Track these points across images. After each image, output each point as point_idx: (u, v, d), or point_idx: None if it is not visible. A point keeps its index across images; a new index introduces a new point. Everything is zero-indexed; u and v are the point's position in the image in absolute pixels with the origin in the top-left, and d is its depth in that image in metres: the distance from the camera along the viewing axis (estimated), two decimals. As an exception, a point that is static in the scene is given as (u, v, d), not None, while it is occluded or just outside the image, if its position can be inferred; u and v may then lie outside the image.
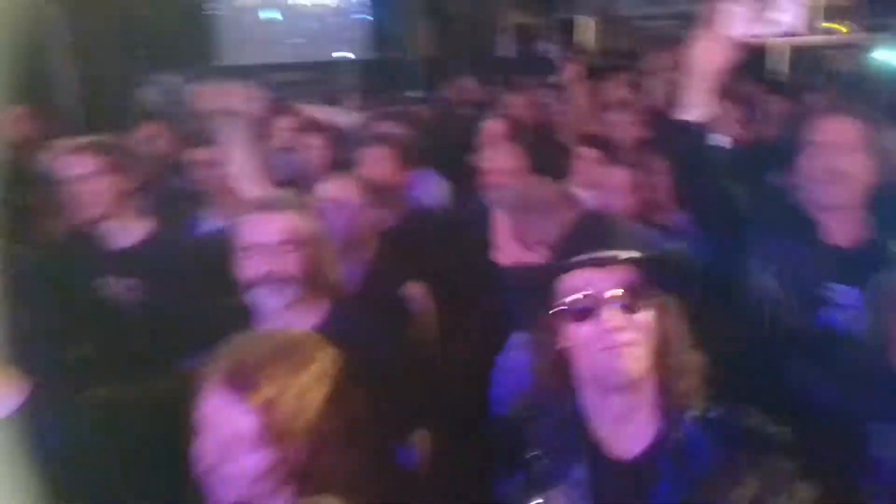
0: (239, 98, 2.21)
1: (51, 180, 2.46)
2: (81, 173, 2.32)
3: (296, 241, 1.76)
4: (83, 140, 2.40)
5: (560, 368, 1.22)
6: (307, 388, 1.17)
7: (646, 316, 1.15)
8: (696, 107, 1.65)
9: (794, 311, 1.86)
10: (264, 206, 1.81)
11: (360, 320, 1.85)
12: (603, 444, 1.21)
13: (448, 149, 4.00)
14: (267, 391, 1.13)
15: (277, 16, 9.03)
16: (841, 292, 1.87)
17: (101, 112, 5.87)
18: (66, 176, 2.35)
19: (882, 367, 1.42)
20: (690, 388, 1.18)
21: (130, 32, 6.81)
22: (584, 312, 1.14)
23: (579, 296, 1.15)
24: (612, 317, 1.12)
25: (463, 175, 3.34)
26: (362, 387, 1.26)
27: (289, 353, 1.19)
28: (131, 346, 2.22)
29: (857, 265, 1.85)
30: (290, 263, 1.75)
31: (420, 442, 1.93)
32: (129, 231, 2.45)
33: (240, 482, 1.17)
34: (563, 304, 1.17)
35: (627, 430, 1.20)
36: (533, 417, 1.28)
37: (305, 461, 1.17)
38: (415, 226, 2.73)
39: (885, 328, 1.41)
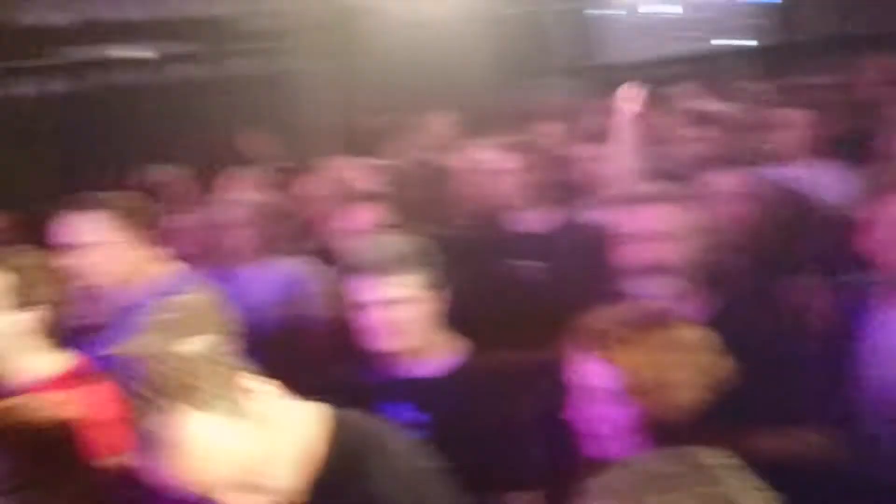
0: (629, 100, 2.38)
1: (470, 175, 2.91)
2: (505, 168, 2.73)
3: (674, 233, 1.81)
4: (506, 140, 2.83)
5: None
6: (662, 354, 1.30)
7: None
8: None
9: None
10: (644, 197, 1.89)
11: (753, 318, 1.82)
12: None
13: (855, 138, 3.64)
14: (625, 353, 1.30)
15: (678, 9, 8.79)
16: None
17: (500, 113, 6.61)
18: (490, 171, 2.78)
19: None
20: None
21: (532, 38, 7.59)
22: None
23: None
24: None
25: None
26: (735, 368, 1.33)
27: (646, 322, 1.35)
28: (534, 319, 2.54)
29: None
30: (668, 254, 1.80)
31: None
32: (538, 219, 2.78)
33: (606, 432, 1.33)
34: None
35: None
36: None
37: (662, 422, 1.28)
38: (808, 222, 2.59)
39: None
